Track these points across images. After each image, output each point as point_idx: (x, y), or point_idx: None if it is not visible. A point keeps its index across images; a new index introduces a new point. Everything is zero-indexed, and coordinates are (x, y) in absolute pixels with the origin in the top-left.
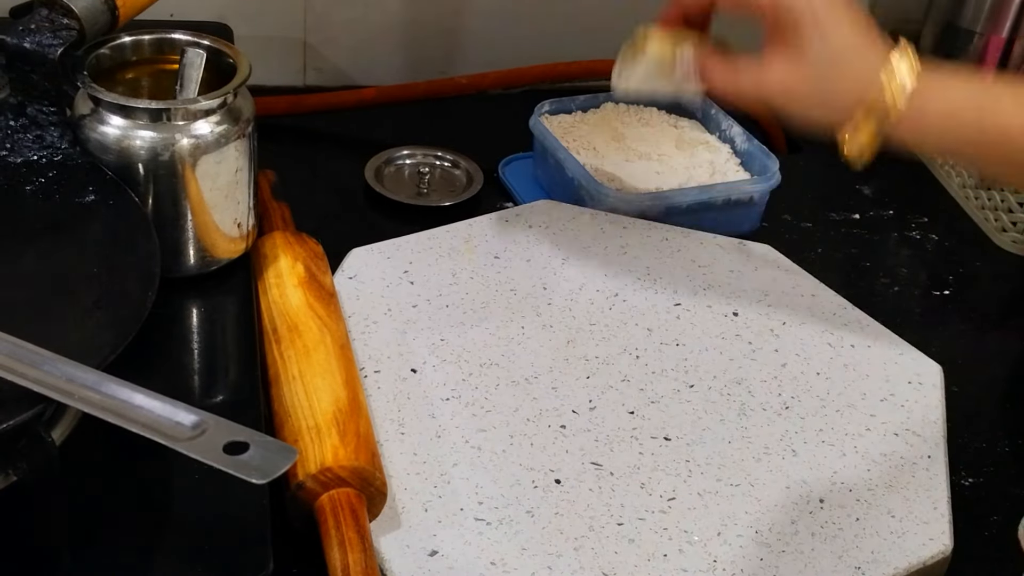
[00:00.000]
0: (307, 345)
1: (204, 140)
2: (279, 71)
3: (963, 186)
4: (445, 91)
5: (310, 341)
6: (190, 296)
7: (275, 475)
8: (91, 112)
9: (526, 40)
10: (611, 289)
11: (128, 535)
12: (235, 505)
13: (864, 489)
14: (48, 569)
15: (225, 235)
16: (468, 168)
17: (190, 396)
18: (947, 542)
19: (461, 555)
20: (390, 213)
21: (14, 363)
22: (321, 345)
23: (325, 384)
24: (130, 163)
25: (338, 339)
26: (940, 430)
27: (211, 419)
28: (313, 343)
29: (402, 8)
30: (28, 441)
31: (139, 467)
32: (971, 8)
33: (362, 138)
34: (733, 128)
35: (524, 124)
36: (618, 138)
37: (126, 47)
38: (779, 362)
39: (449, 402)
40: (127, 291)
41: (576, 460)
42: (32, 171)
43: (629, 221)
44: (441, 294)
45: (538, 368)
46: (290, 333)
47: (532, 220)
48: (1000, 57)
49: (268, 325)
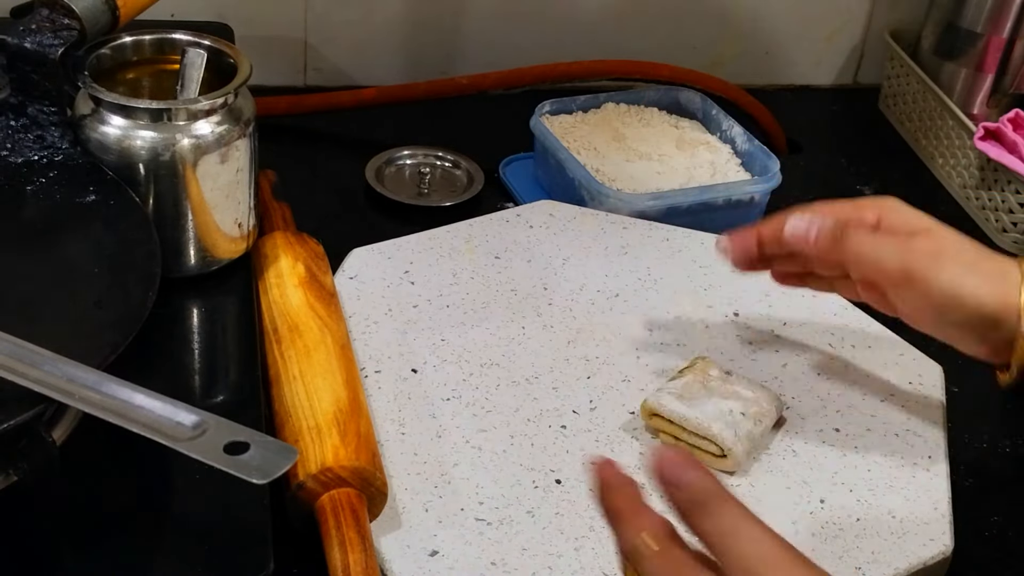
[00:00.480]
0: (308, 345)
1: (205, 140)
2: (280, 71)
3: (964, 186)
4: (446, 91)
5: (311, 341)
6: (191, 296)
7: (275, 475)
8: (92, 112)
9: (527, 40)
10: (612, 289)
11: (128, 535)
12: (236, 505)
13: (865, 489)
14: (48, 569)
15: (226, 235)
16: (469, 168)
17: (190, 396)
18: (948, 543)
19: (462, 555)
20: (391, 213)
21: (15, 363)
22: (322, 345)
23: (326, 384)
24: (131, 163)
25: (339, 339)
26: (941, 431)
27: (212, 419)
28: (314, 343)
29: (403, 8)
30: (29, 441)
31: (139, 467)
32: (972, 8)
33: (363, 138)
34: (734, 128)
35: (525, 124)
36: (619, 138)
37: (127, 47)
38: (780, 362)
39: (450, 402)
40: (128, 291)
41: (577, 460)
42: (33, 171)
43: (630, 221)
44: (442, 294)
45: (539, 368)
46: (291, 333)
47: (533, 220)
48: (1001, 58)
49: (269, 325)
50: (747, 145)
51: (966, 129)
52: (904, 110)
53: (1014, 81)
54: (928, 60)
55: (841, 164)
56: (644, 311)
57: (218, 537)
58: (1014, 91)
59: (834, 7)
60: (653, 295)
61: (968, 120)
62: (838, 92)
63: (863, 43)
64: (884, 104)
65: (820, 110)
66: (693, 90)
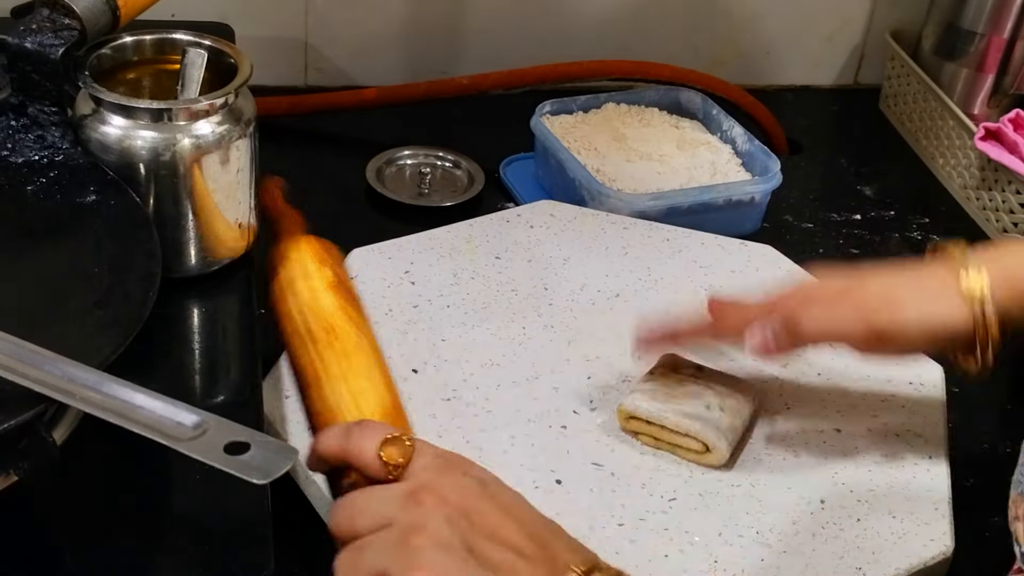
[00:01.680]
0: (345, 348)
1: (205, 140)
2: (280, 71)
3: (964, 187)
4: (446, 91)
5: (348, 344)
6: (191, 296)
7: (276, 475)
8: (92, 112)
9: (527, 41)
10: (612, 289)
11: (129, 535)
12: (236, 505)
13: (865, 490)
14: (49, 569)
15: (226, 235)
16: (469, 168)
17: (191, 396)
18: (948, 543)
19: None
20: (391, 213)
21: (15, 363)
22: (359, 348)
23: (370, 386)
24: (131, 163)
25: (373, 343)
26: (941, 431)
27: (212, 419)
28: (352, 346)
29: (403, 9)
30: (29, 441)
31: (140, 467)
32: (972, 8)
33: (363, 138)
34: (734, 129)
35: (525, 124)
36: (619, 138)
37: (127, 47)
38: (781, 363)
39: (450, 402)
40: (128, 291)
41: (577, 460)
42: (33, 171)
43: (630, 221)
44: (442, 294)
45: (539, 368)
46: (327, 335)
47: (533, 220)
48: (1001, 58)
49: (301, 327)
50: (747, 145)
51: (967, 129)
52: (905, 110)
53: (1015, 81)
54: (929, 60)
55: (841, 164)
56: (645, 311)
57: (219, 537)
58: (1015, 91)
59: (835, 8)
60: (653, 295)
61: (969, 120)
62: (839, 92)
63: (864, 43)
64: (885, 104)
65: (821, 110)
66: (694, 90)
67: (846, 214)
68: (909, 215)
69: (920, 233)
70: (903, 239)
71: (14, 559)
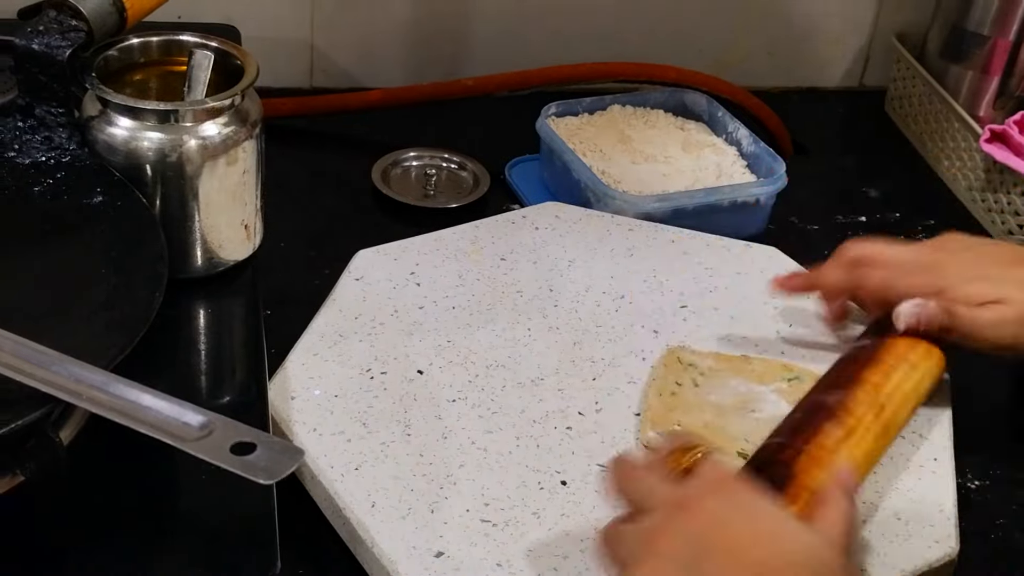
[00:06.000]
0: (884, 435)
1: (212, 142)
2: (286, 73)
3: (969, 188)
4: (452, 93)
5: (888, 436)
6: (197, 297)
7: (282, 476)
8: (99, 113)
9: (532, 42)
10: (617, 291)
11: (135, 535)
12: (242, 505)
13: (870, 491)
14: (56, 568)
15: (232, 236)
16: (475, 170)
17: (197, 396)
18: (953, 545)
19: (467, 556)
20: (397, 215)
21: (22, 363)
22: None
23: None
24: (138, 164)
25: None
26: (946, 433)
27: (218, 419)
28: (886, 442)
29: (409, 10)
30: (36, 441)
31: (146, 467)
32: (978, 11)
33: (369, 140)
34: (740, 130)
35: (531, 126)
36: (624, 140)
37: (134, 49)
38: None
39: (455, 403)
40: (135, 292)
41: (582, 462)
42: (40, 172)
43: (635, 223)
44: (447, 296)
45: (544, 370)
46: (887, 423)
47: (538, 222)
48: (1007, 60)
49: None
50: (753, 147)
51: (972, 131)
52: (910, 112)
53: (1020, 83)
54: (934, 62)
55: (847, 166)
56: (650, 313)
57: (225, 537)
58: (1020, 93)
59: (840, 10)
60: (659, 297)
61: (974, 122)
62: (844, 94)
63: (869, 45)
64: (890, 106)
65: (826, 112)
66: (699, 92)
67: (851, 216)
68: (914, 217)
69: (925, 235)
70: (909, 241)
71: (20, 558)
